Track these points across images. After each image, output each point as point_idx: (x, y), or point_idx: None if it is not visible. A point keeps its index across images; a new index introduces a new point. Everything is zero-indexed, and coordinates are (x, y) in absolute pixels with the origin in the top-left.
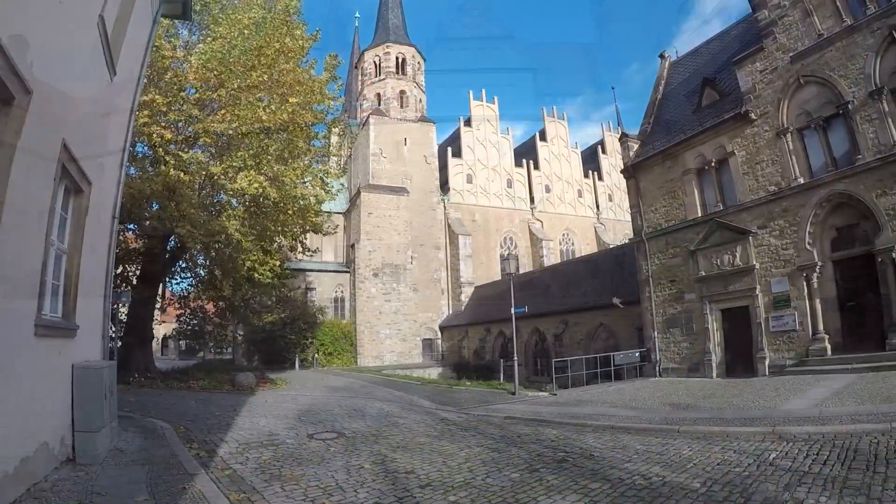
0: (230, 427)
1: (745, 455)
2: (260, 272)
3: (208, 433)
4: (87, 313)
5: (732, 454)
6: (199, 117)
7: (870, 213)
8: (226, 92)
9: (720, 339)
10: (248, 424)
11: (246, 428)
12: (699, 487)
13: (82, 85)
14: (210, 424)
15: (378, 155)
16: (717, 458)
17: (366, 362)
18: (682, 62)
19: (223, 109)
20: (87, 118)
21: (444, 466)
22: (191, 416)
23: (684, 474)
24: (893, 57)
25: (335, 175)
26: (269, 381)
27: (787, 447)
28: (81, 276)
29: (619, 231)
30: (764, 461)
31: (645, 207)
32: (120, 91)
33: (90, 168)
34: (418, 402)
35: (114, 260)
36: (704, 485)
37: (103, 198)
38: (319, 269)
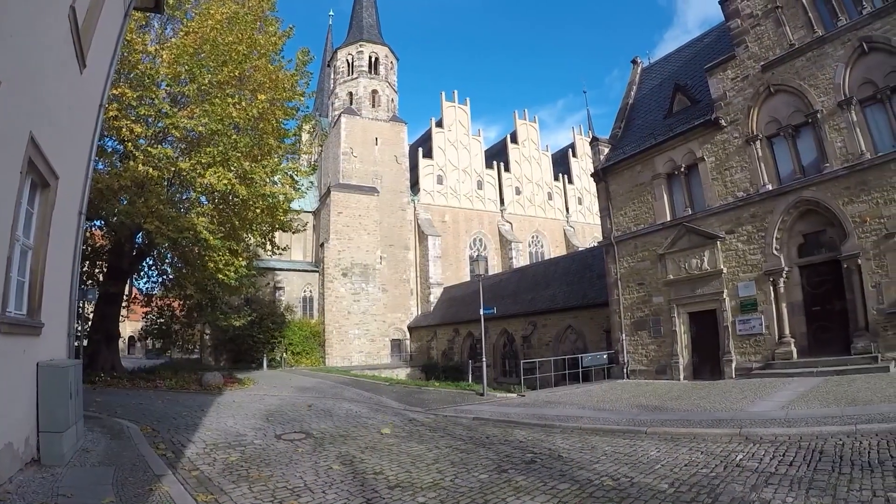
0: (197, 427)
1: (712, 456)
2: (225, 272)
3: (175, 433)
4: (53, 311)
5: (700, 455)
6: (169, 112)
7: (836, 220)
8: (196, 87)
9: (687, 341)
10: (215, 425)
11: (213, 428)
12: (667, 489)
13: (51, 77)
14: (177, 425)
15: (349, 154)
16: (684, 460)
17: (334, 362)
18: (654, 68)
19: (193, 105)
20: (56, 111)
21: (413, 467)
22: (157, 417)
23: (652, 475)
24: (863, 68)
25: (305, 173)
26: (237, 380)
27: (754, 449)
28: (47, 272)
29: (589, 234)
30: (731, 462)
31: (615, 211)
32: (90, 84)
33: (58, 162)
34: (387, 403)
35: (80, 256)
36: (672, 486)
37: (70, 192)
38: (288, 268)
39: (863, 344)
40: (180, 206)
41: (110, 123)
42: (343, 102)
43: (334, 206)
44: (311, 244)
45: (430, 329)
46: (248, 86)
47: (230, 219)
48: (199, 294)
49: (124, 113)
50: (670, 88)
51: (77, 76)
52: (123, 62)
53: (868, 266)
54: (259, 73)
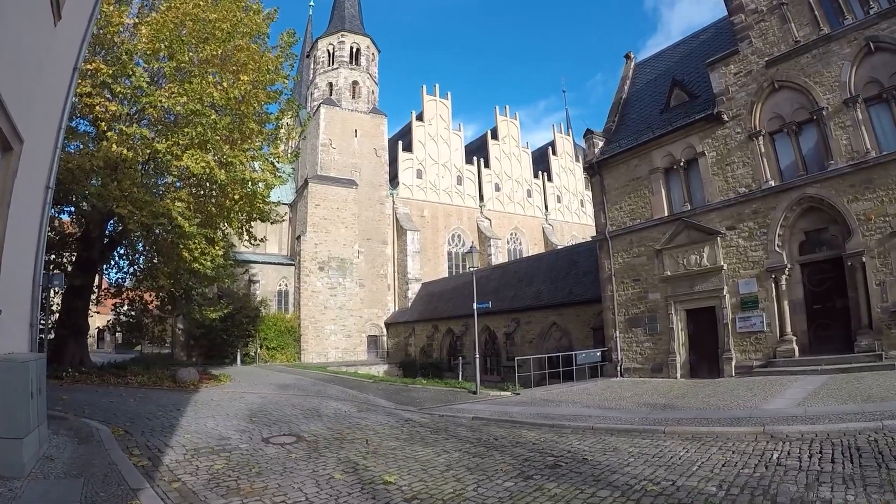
0: (175, 429)
1: (746, 456)
2: (201, 262)
3: (151, 437)
4: (12, 297)
5: (733, 455)
6: (146, 90)
7: (840, 217)
8: (176, 64)
9: (685, 339)
10: (194, 426)
11: (193, 430)
12: (716, 491)
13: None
14: (152, 426)
15: (328, 145)
16: (718, 460)
17: (309, 358)
18: (648, 63)
19: (172, 83)
20: (25, 65)
21: (426, 475)
22: (130, 417)
23: (694, 478)
24: (869, 67)
25: (287, 160)
26: (213, 377)
27: (786, 447)
28: (6, 252)
29: (567, 233)
30: (769, 462)
31: (609, 205)
32: (63, 42)
33: (23, 123)
34: (376, 402)
35: (45, 237)
36: (720, 488)
37: (37, 163)
38: (263, 260)
39: (866, 342)
40: (155, 190)
41: (83, 101)
42: (322, 93)
43: (312, 199)
44: (286, 237)
45: (408, 325)
46: (230, 66)
47: (207, 205)
48: (173, 285)
49: (98, 90)
50: (666, 83)
51: (50, 29)
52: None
53: (872, 264)
54: (242, 54)
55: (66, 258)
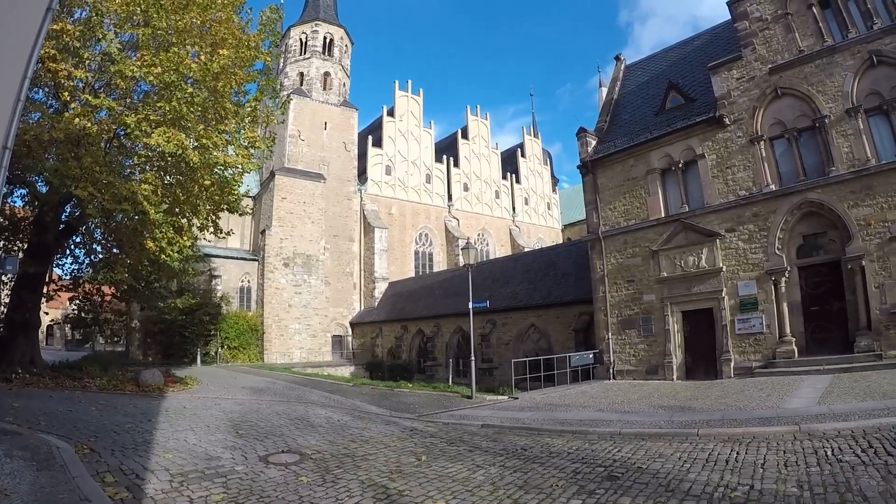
0: (151, 446)
1: (801, 455)
2: (168, 253)
3: (124, 457)
4: None
5: (787, 455)
6: (117, 58)
7: (840, 222)
8: (152, 32)
9: (681, 340)
10: (173, 442)
11: (173, 448)
12: (800, 492)
13: None
14: (123, 442)
15: (296, 137)
16: (776, 460)
17: (273, 359)
18: (639, 66)
19: (145, 51)
20: None
21: (476, 498)
22: (95, 430)
23: (767, 480)
24: (871, 79)
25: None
26: (178, 380)
27: (833, 444)
28: None
29: (534, 234)
30: (829, 459)
31: (602, 205)
32: None
33: None
34: (365, 408)
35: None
36: (802, 488)
37: None
38: (226, 255)
39: (866, 342)
40: (119, 171)
41: (45, 65)
42: (293, 83)
43: (278, 191)
44: (249, 231)
45: (375, 325)
46: (208, 39)
47: (175, 191)
48: (133, 279)
49: (63, 56)
50: (660, 86)
51: None
52: None
53: (872, 267)
54: (222, 27)
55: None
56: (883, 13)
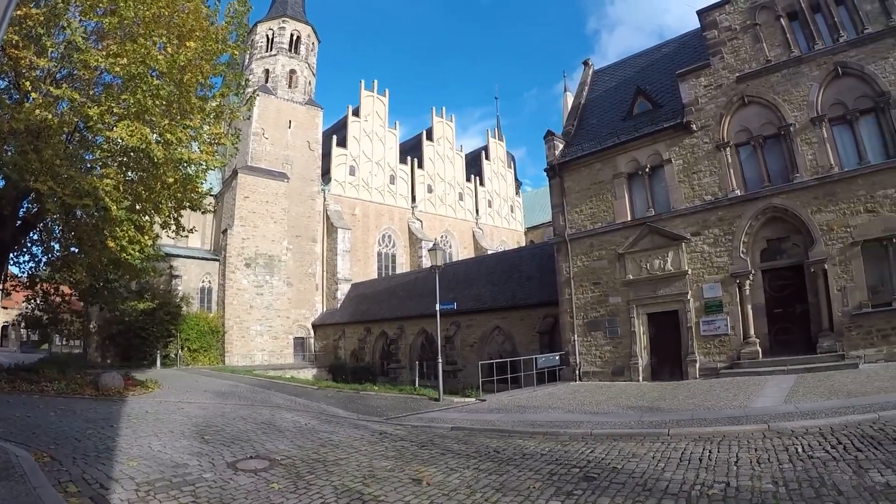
0: (114, 453)
1: (773, 452)
2: (129, 251)
3: (87, 465)
4: None
5: (759, 452)
6: (82, 46)
7: (804, 227)
8: (118, 21)
9: (647, 342)
10: (137, 448)
11: (137, 455)
12: (775, 488)
13: None
14: (85, 449)
15: (260, 135)
16: (749, 458)
17: (234, 361)
18: (607, 72)
19: (111, 41)
20: None
21: (453, 502)
22: (55, 436)
23: (742, 477)
24: (836, 89)
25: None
26: (139, 383)
27: (803, 441)
28: None
29: (497, 237)
30: (800, 455)
31: (569, 208)
32: None
33: None
34: (332, 412)
35: None
36: (777, 485)
37: None
38: (186, 254)
39: (828, 343)
40: (80, 165)
41: (6, 52)
42: (258, 79)
43: (240, 190)
44: (211, 230)
45: (338, 327)
46: (175, 30)
47: (137, 188)
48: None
49: (26, 43)
50: (627, 92)
51: None
52: None
53: (834, 271)
54: (190, 18)
55: None
56: (849, 26)
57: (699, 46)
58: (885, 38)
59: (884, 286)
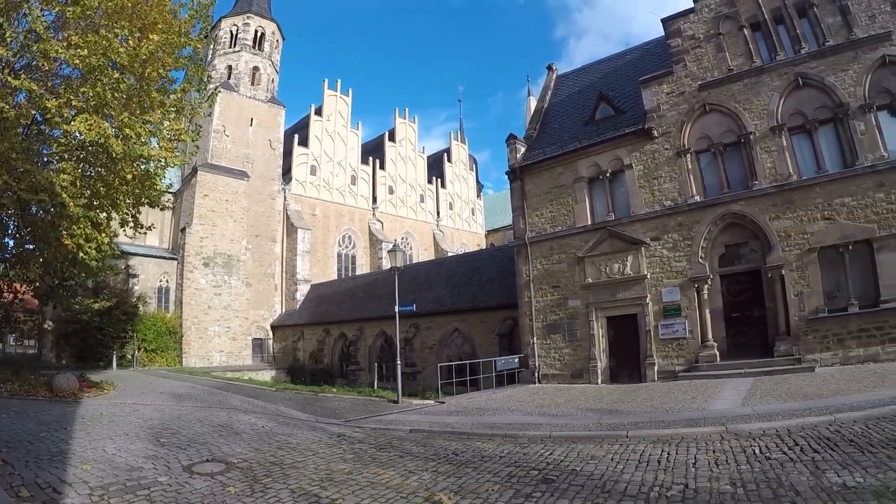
0: (68, 456)
1: (731, 454)
2: (86, 250)
3: (39, 468)
4: None
5: (716, 454)
6: (42, 35)
7: (762, 233)
8: (81, 10)
9: (605, 345)
10: (91, 452)
11: (91, 458)
12: (732, 489)
13: None
14: (38, 452)
15: (221, 132)
16: (707, 459)
17: (191, 362)
18: (570, 77)
19: (72, 32)
20: None
21: None
22: (7, 439)
23: (700, 479)
24: (796, 99)
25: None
26: (94, 384)
27: (760, 443)
28: None
29: (457, 240)
30: (757, 457)
31: (530, 211)
32: None
33: None
34: (290, 414)
35: None
36: (735, 486)
37: None
38: (144, 253)
39: (785, 347)
40: (37, 159)
41: None
42: (221, 76)
43: (200, 188)
44: (169, 229)
45: (297, 329)
46: (137, 22)
47: (95, 183)
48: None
49: None
50: (590, 97)
51: None
52: None
53: (791, 277)
54: (153, 10)
55: None
56: (810, 39)
57: (663, 54)
58: (846, 51)
59: (840, 292)
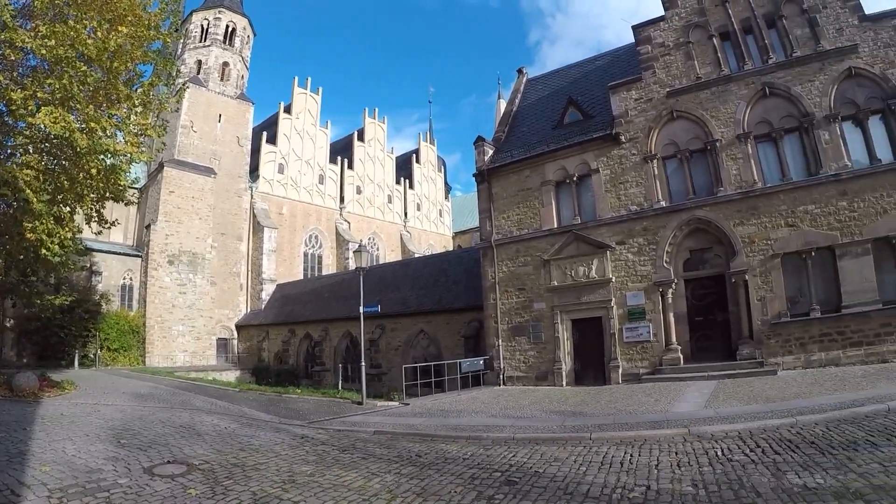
0: (27, 458)
1: (693, 455)
2: (48, 245)
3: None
4: None
5: (679, 456)
6: (9, 24)
7: (726, 238)
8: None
9: (570, 348)
10: (50, 453)
11: (50, 459)
12: (695, 491)
13: None
14: None
15: (188, 128)
16: (670, 461)
17: (155, 362)
18: (540, 80)
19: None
20: None
21: None
22: None
23: (663, 480)
24: (763, 108)
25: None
26: (55, 384)
27: (722, 445)
28: None
29: (425, 241)
30: (720, 459)
31: (496, 213)
32: None
33: None
34: (253, 415)
35: None
36: (697, 487)
37: None
38: (108, 249)
39: (748, 350)
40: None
41: None
42: (190, 70)
43: (166, 184)
44: (134, 225)
45: (262, 329)
46: (108, 14)
47: (59, 178)
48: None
49: None
50: (559, 101)
51: None
52: None
53: (755, 282)
54: (123, 2)
55: None
56: (778, 49)
57: (632, 61)
58: (813, 62)
59: (802, 297)
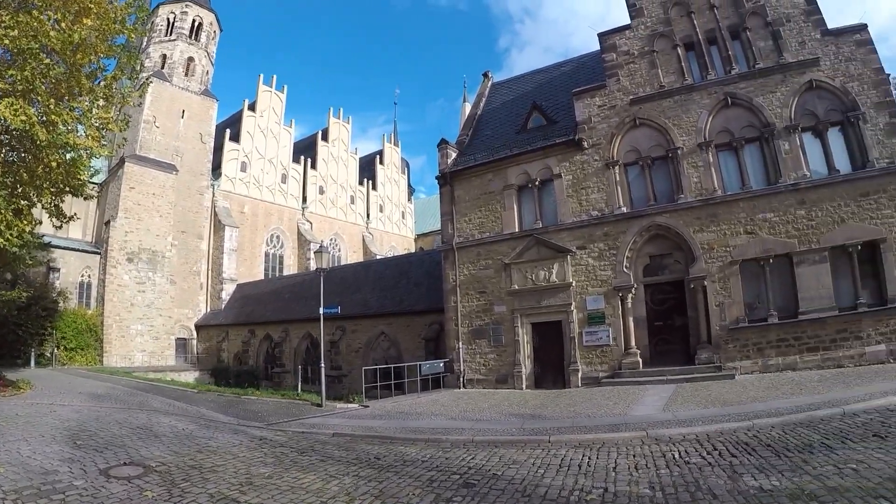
0: None
1: (651, 458)
2: (7, 237)
3: None
4: None
5: (637, 459)
6: None
7: (686, 245)
8: None
9: (530, 351)
10: (4, 454)
11: (4, 461)
12: (652, 493)
13: None
14: None
15: (151, 123)
16: (628, 464)
17: (112, 362)
18: (505, 85)
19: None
20: None
21: None
22: None
23: (620, 483)
24: (724, 117)
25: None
26: (10, 383)
27: (679, 447)
28: None
29: (387, 242)
30: (676, 461)
31: (458, 216)
32: None
33: None
34: (211, 416)
35: None
36: (654, 489)
37: None
38: (66, 246)
39: (706, 355)
40: None
41: None
42: (154, 64)
43: (127, 180)
44: (93, 221)
45: (222, 329)
46: (73, 7)
47: (18, 170)
48: None
49: None
50: (523, 106)
51: None
52: None
53: (713, 287)
54: None
55: None
56: (741, 60)
57: (598, 67)
58: (775, 74)
59: (760, 303)
